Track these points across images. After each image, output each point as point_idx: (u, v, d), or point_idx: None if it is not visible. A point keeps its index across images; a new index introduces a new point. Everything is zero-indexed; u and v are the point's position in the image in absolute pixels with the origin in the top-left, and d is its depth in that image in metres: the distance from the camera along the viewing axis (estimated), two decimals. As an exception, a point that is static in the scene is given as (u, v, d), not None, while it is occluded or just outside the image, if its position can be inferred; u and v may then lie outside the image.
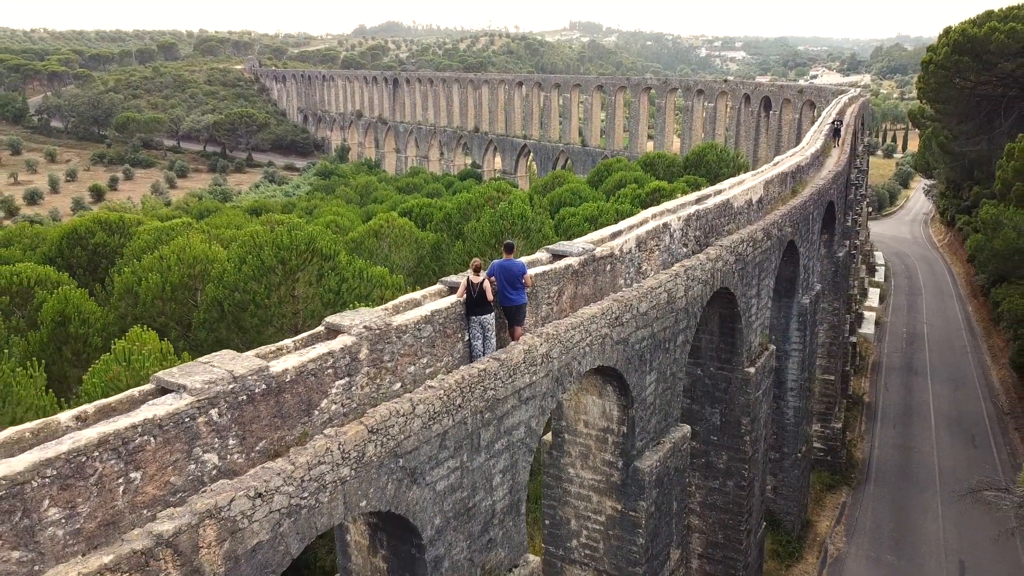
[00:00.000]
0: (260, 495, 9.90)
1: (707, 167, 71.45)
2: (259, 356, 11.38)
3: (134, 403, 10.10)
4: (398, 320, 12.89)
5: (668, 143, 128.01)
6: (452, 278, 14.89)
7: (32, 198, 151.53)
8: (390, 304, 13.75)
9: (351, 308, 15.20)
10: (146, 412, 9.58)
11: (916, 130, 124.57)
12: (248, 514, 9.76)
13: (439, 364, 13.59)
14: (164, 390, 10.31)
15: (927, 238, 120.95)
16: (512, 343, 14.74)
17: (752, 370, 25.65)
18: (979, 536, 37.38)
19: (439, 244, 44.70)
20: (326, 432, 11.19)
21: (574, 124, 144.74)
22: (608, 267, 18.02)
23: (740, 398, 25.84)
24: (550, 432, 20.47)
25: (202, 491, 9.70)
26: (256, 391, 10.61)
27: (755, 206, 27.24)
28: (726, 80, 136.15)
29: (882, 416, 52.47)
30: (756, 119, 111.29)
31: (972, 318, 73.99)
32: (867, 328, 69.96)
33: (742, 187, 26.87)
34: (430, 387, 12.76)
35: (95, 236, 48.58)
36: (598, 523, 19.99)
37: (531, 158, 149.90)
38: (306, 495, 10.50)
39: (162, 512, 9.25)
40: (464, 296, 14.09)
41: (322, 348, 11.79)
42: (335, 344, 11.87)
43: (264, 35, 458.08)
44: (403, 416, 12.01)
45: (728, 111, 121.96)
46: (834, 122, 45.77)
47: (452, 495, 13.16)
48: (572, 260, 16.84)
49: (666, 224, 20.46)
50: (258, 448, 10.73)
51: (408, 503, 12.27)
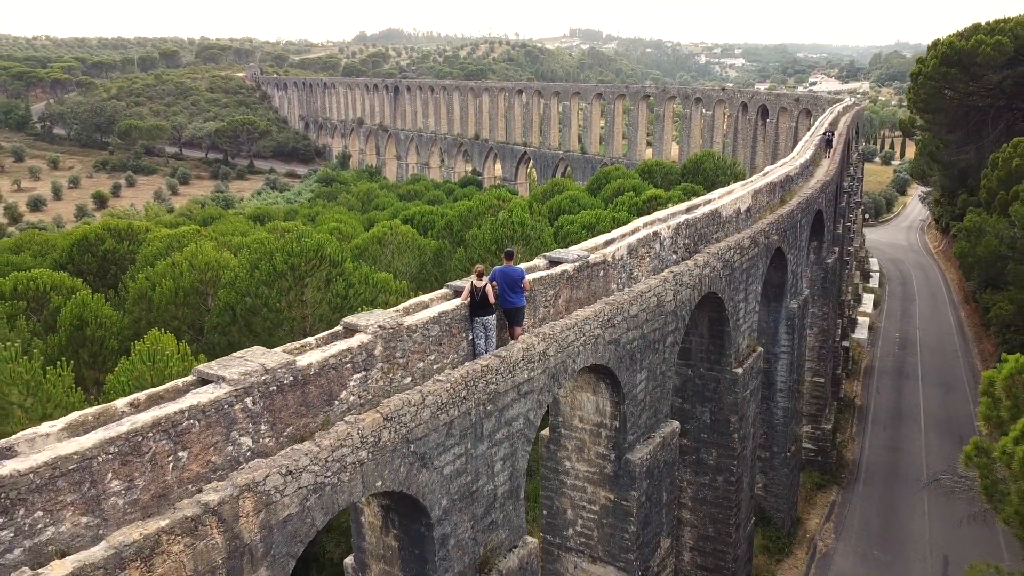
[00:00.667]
0: (290, 473, 11.26)
1: (704, 175, 72.66)
2: (286, 352, 12.74)
3: (179, 392, 11.46)
4: (409, 320, 14.25)
5: (667, 150, 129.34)
6: (457, 283, 16.25)
7: (35, 205, 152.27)
8: (401, 306, 15.13)
9: (359, 312, 16.56)
10: (191, 399, 10.94)
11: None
12: (280, 489, 11.12)
13: (445, 360, 14.95)
14: (204, 381, 11.66)
15: (923, 245, 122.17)
16: (512, 342, 16.10)
17: (740, 371, 26.99)
18: (963, 532, 38.62)
19: (441, 251, 45.97)
20: (346, 419, 12.57)
21: (574, 132, 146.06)
22: (601, 273, 19.38)
23: (729, 397, 27.18)
24: (548, 427, 21.82)
25: (240, 468, 11.06)
26: (285, 382, 11.97)
27: (743, 215, 28.60)
28: (723, 88, 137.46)
29: (873, 418, 53.74)
30: (753, 127, 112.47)
31: (964, 323, 75.32)
32: (860, 333, 71.30)
33: (731, 197, 28.23)
34: (438, 381, 14.13)
35: (104, 243, 49.83)
36: (592, 512, 21.34)
37: (531, 165, 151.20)
38: (329, 474, 11.86)
39: (207, 485, 10.61)
40: (468, 299, 15.44)
41: (341, 345, 13.15)
42: (353, 342, 13.23)
43: (265, 42, 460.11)
44: (414, 406, 13.38)
45: (726, 119, 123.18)
46: (825, 133, 47.07)
47: (458, 479, 14.52)
48: (567, 266, 18.21)
49: (656, 233, 21.83)
50: (286, 433, 12.07)
51: (418, 485, 13.63)
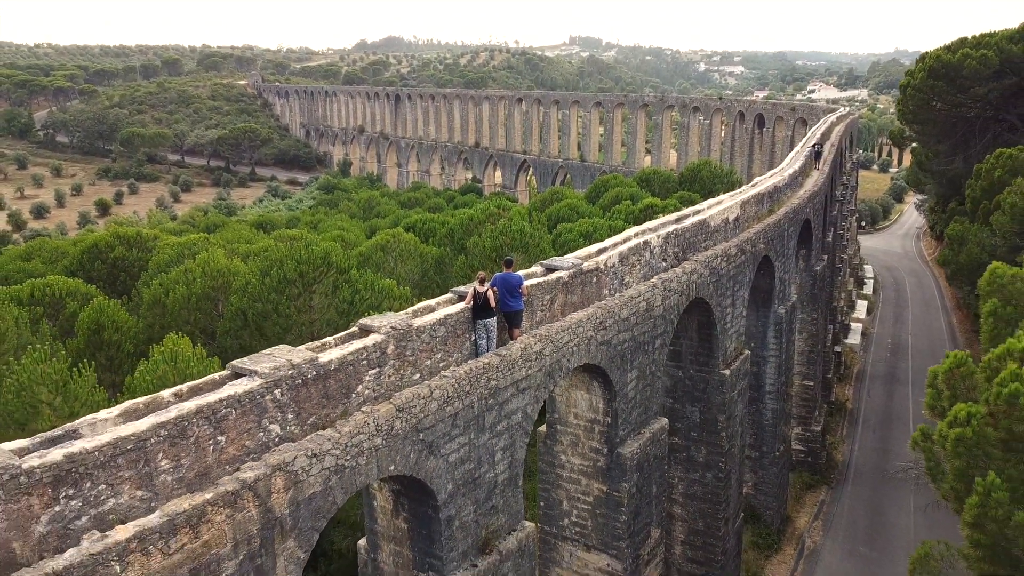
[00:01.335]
0: (315, 455, 12.74)
1: (701, 183, 74.10)
2: (309, 349, 14.21)
3: (216, 384, 12.94)
4: (418, 322, 15.74)
5: (665, 158, 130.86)
6: (460, 288, 17.75)
7: (39, 212, 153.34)
8: (410, 309, 16.64)
9: (366, 316, 18.03)
10: (228, 390, 12.42)
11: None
12: (306, 470, 12.59)
13: (451, 359, 16.42)
14: (237, 374, 13.13)
15: (918, 252, 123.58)
16: (511, 342, 17.58)
17: (727, 372, 28.45)
18: (948, 530, 40.02)
19: (442, 258, 47.43)
20: (363, 410, 14.05)
21: (573, 140, 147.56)
22: (594, 279, 20.87)
23: (717, 397, 28.63)
24: (544, 424, 23.29)
25: (271, 451, 12.53)
26: (309, 376, 13.44)
27: (731, 224, 30.08)
28: (720, 98, 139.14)
29: (863, 421, 55.15)
30: (750, 136, 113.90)
31: (956, 328, 76.75)
32: (853, 338, 72.73)
33: (719, 207, 29.73)
34: (444, 377, 15.61)
35: (114, 250, 51.30)
36: (586, 503, 22.80)
37: (531, 173, 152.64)
38: (349, 457, 13.33)
39: (244, 465, 12.09)
40: (471, 303, 16.92)
41: (358, 344, 14.63)
42: (368, 341, 14.70)
43: (266, 50, 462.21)
44: (423, 399, 14.86)
45: (723, 127, 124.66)
46: (815, 145, 48.61)
47: (462, 466, 15.98)
48: (562, 273, 19.70)
49: (646, 242, 23.33)
50: (309, 422, 13.54)
51: (427, 470, 15.10)
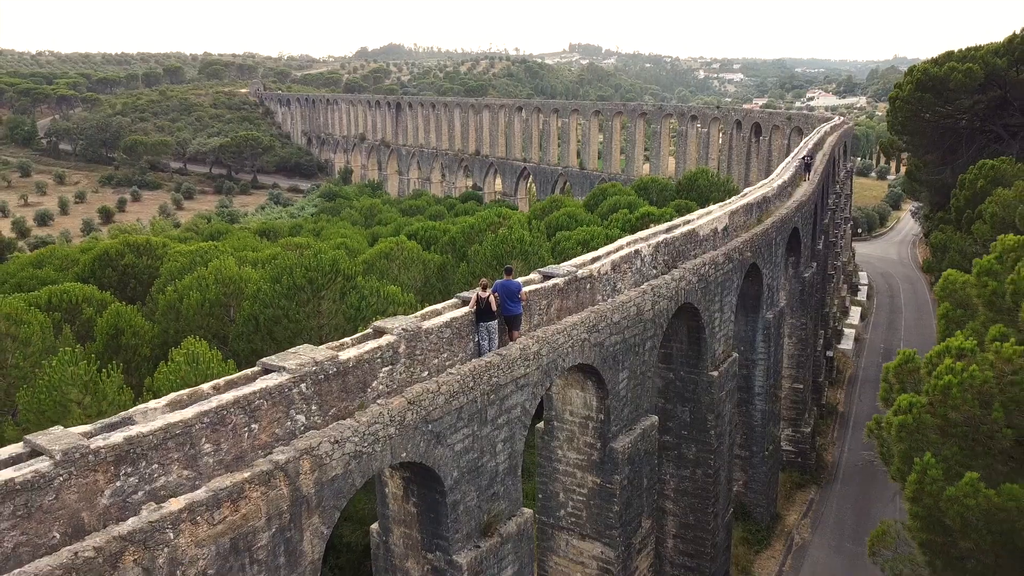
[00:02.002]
0: (337, 442, 14.34)
1: (698, 191, 75.65)
2: (330, 348, 15.81)
3: (249, 379, 14.54)
4: (426, 324, 17.34)
5: (664, 166, 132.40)
6: (464, 294, 19.36)
7: (42, 219, 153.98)
8: (419, 313, 18.25)
9: (372, 320, 19.65)
10: (261, 384, 14.02)
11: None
12: (330, 454, 14.19)
13: (456, 358, 18.02)
14: (267, 370, 14.72)
15: (913, 259, 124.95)
16: (511, 343, 19.19)
17: (716, 374, 30.04)
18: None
19: (445, 265, 49.01)
20: (378, 402, 15.65)
21: (572, 148, 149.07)
22: (588, 285, 22.48)
23: (706, 398, 30.21)
24: (542, 421, 24.89)
25: (299, 437, 14.13)
26: (330, 372, 15.03)
27: (720, 233, 31.69)
28: (718, 106, 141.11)
29: (854, 424, 56.67)
30: (747, 144, 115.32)
31: (947, 334, 78.40)
32: (846, 344, 74.32)
33: (709, 217, 31.34)
34: (450, 374, 17.21)
35: (124, 258, 52.95)
36: (581, 495, 24.38)
37: (531, 180, 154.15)
38: (366, 444, 14.92)
39: (276, 449, 13.68)
40: (474, 307, 18.52)
41: (372, 344, 16.22)
42: (382, 341, 16.31)
43: (267, 58, 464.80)
44: (431, 393, 16.46)
45: (720, 136, 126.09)
46: (804, 157, 50.22)
47: (466, 455, 17.56)
48: (558, 280, 21.33)
49: (637, 251, 24.94)
50: (331, 413, 15.13)
51: (434, 458, 16.69)
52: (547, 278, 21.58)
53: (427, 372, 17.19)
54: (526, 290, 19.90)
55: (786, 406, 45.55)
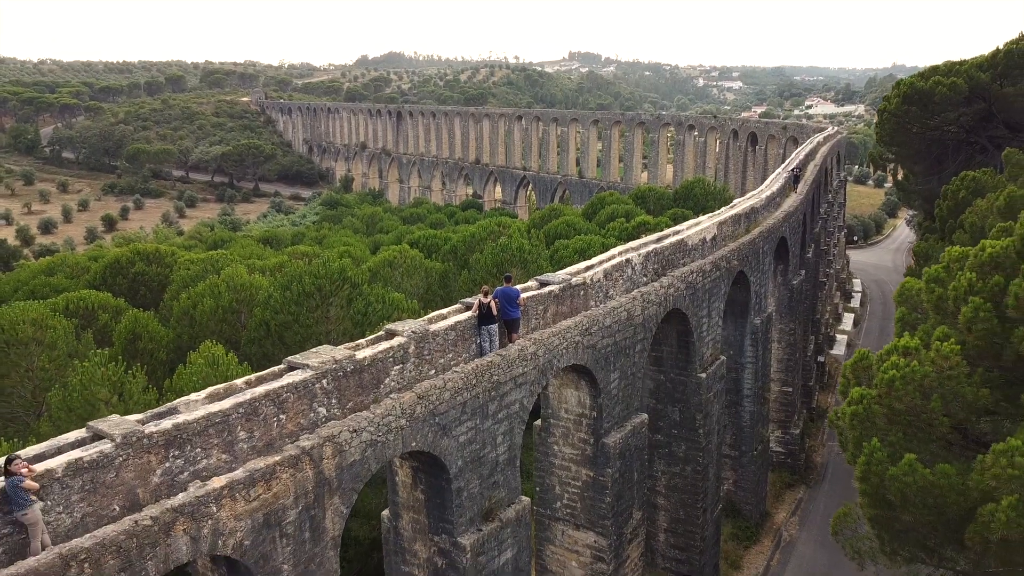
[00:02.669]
0: (355, 431, 16.09)
1: (695, 200, 77.41)
2: (347, 349, 17.56)
3: (276, 376, 16.30)
4: (433, 327, 19.11)
5: (662, 174, 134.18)
6: (468, 299, 21.13)
7: (46, 227, 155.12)
8: (426, 317, 20.04)
9: (382, 327, 21.40)
10: (287, 379, 15.78)
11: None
12: (349, 442, 15.94)
13: (460, 358, 19.78)
14: (292, 368, 16.47)
15: (907, 267, 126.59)
16: (510, 345, 20.95)
17: (704, 376, 31.79)
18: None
19: (446, 273, 50.71)
20: (390, 397, 17.41)
21: (571, 156, 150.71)
22: (582, 292, 24.26)
23: (695, 398, 31.96)
24: (540, 419, 26.63)
25: (321, 426, 15.88)
26: (348, 370, 16.78)
27: (709, 243, 33.48)
28: (715, 116, 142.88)
29: (844, 427, 58.38)
30: (744, 153, 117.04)
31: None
32: (838, 350, 76.10)
33: (698, 228, 33.13)
34: (455, 372, 18.97)
35: (135, 266, 54.69)
36: (576, 487, 26.12)
37: (530, 189, 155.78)
38: (380, 434, 16.67)
39: (301, 436, 15.44)
40: (477, 312, 20.28)
41: (385, 345, 17.99)
42: (394, 342, 18.07)
43: (268, 66, 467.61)
44: (438, 390, 18.22)
45: (718, 145, 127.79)
46: (793, 170, 52.01)
47: (469, 446, 19.31)
48: (554, 287, 23.10)
49: (628, 260, 26.72)
50: (348, 406, 16.87)
51: (441, 448, 18.44)
52: (544, 285, 23.34)
53: (434, 370, 18.94)
54: (524, 296, 21.67)
55: (776, 408, 47.27)
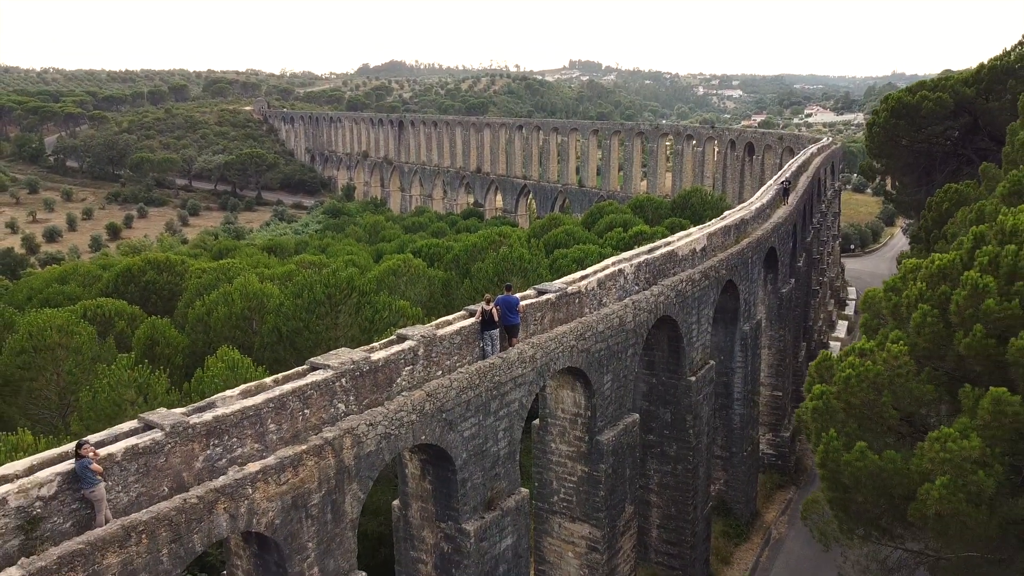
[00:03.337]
0: (371, 424, 17.94)
1: (692, 210, 79.23)
2: (363, 351, 19.41)
3: (300, 375, 18.15)
4: (440, 332, 20.98)
5: (661, 183, 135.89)
6: (471, 307, 22.99)
7: (51, 236, 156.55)
8: (433, 323, 21.90)
9: (388, 333, 23.26)
10: (310, 378, 17.63)
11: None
12: (366, 434, 17.78)
13: (464, 360, 21.63)
14: (314, 368, 18.32)
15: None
16: (510, 348, 22.80)
17: (693, 379, 33.61)
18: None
19: (449, 281, 52.53)
20: (402, 395, 19.26)
21: (572, 166, 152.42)
22: (577, 300, 26.11)
23: (685, 400, 33.77)
24: (538, 418, 28.48)
25: (342, 420, 17.73)
26: (364, 370, 18.63)
27: (699, 253, 35.34)
28: (713, 126, 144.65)
29: (834, 431, 60.13)
30: (741, 163, 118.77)
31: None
32: (831, 356, 77.79)
33: (688, 239, 34.98)
34: (460, 372, 20.83)
35: (146, 274, 56.57)
36: (571, 482, 27.95)
37: (531, 197, 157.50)
38: (394, 427, 18.51)
39: (324, 428, 17.28)
40: (480, 318, 22.13)
41: (396, 348, 19.84)
42: (404, 345, 19.93)
43: (271, 75, 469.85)
44: (445, 388, 20.08)
45: (715, 154, 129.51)
46: (783, 183, 53.83)
47: (473, 440, 21.15)
48: (551, 295, 24.97)
49: (621, 270, 28.58)
50: (364, 403, 18.72)
51: (448, 441, 20.28)
52: (541, 293, 25.20)
53: (441, 371, 20.78)
54: (524, 304, 23.54)
55: (766, 412, 49.08)
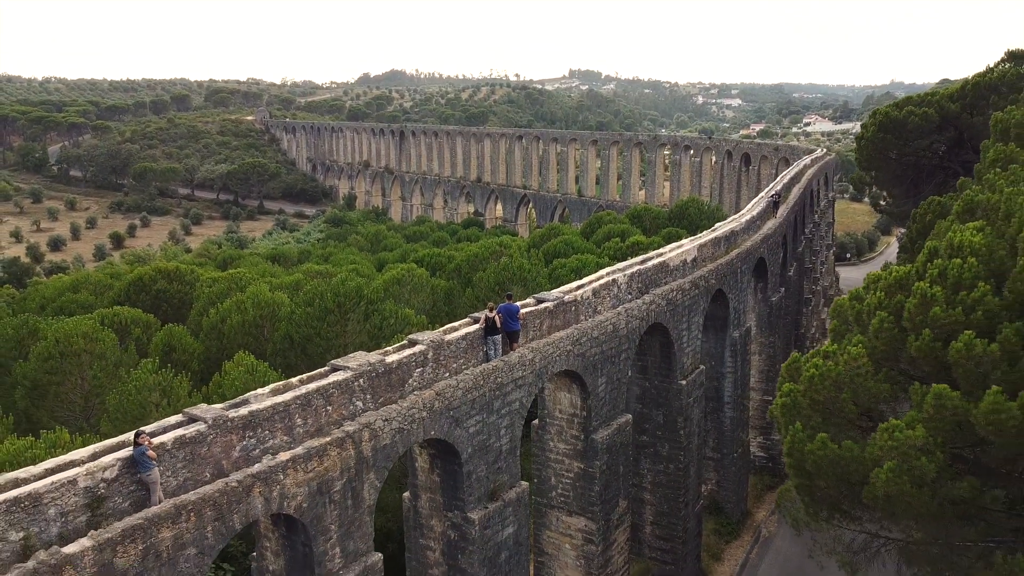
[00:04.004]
0: (387, 420, 19.90)
1: (689, 219, 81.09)
2: (379, 354, 21.36)
3: (323, 375, 20.10)
4: (448, 337, 22.95)
5: (659, 193, 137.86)
6: (475, 314, 24.96)
7: (55, 244, 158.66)
8: (441, 329, 23.87)
9: (395, 339, 25.16)
10: (332, 378, 19.59)
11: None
12: (382, 428, 19.73)
13: (469, 363, 23.60)
14: (335, 369, 20.27)
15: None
16: (511, 353, 24.76)
17: (684, 383, 35.57)
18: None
19: (451, 290, 54.44)
20: (414, 394, 21.21)
21: (571, 176, 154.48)
22: (573, 308, 28.09)
23: (676, 403, 35.72)
24: (537, 419, 30.42)
25: (360, 415, 19.69)
26: (379, 371, 20.58)
27: (690, 264, 37.32)
28: (710, 137, 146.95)
29: (825, 435, 61.98)
30: (737, 173, 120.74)
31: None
32: (824, 363, 79.66)
33: (679, 250, 36.98)
34: (466, 374, 22.80)
35: (157, 283, 58.48)
36: (568, 478, 29.88)
37: (531, 207, 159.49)
38: (406, 423, 20.46)
39: (345, 423, 19.23)
40: (483, 325, 24.09)
41: (408, 351, 21.80)
42: (415, 349, 21.89)
43: (272, 84, 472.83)
44: (452, 388, 22.04)
45: (713, 165, 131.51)
46: (773, 196, 55.75)
47: (478, 436, 23.10)
48: (549, 303, 26.96)
49: (614, 280, 30.57)
50: (380, 401, 20.67)
51: (455, 437, 22.23)
52: (540, 302, 27.18)
53: (448, 373, 22.74)
54: (524, 311, 25.53)
55: (757, 416, 51.01)
